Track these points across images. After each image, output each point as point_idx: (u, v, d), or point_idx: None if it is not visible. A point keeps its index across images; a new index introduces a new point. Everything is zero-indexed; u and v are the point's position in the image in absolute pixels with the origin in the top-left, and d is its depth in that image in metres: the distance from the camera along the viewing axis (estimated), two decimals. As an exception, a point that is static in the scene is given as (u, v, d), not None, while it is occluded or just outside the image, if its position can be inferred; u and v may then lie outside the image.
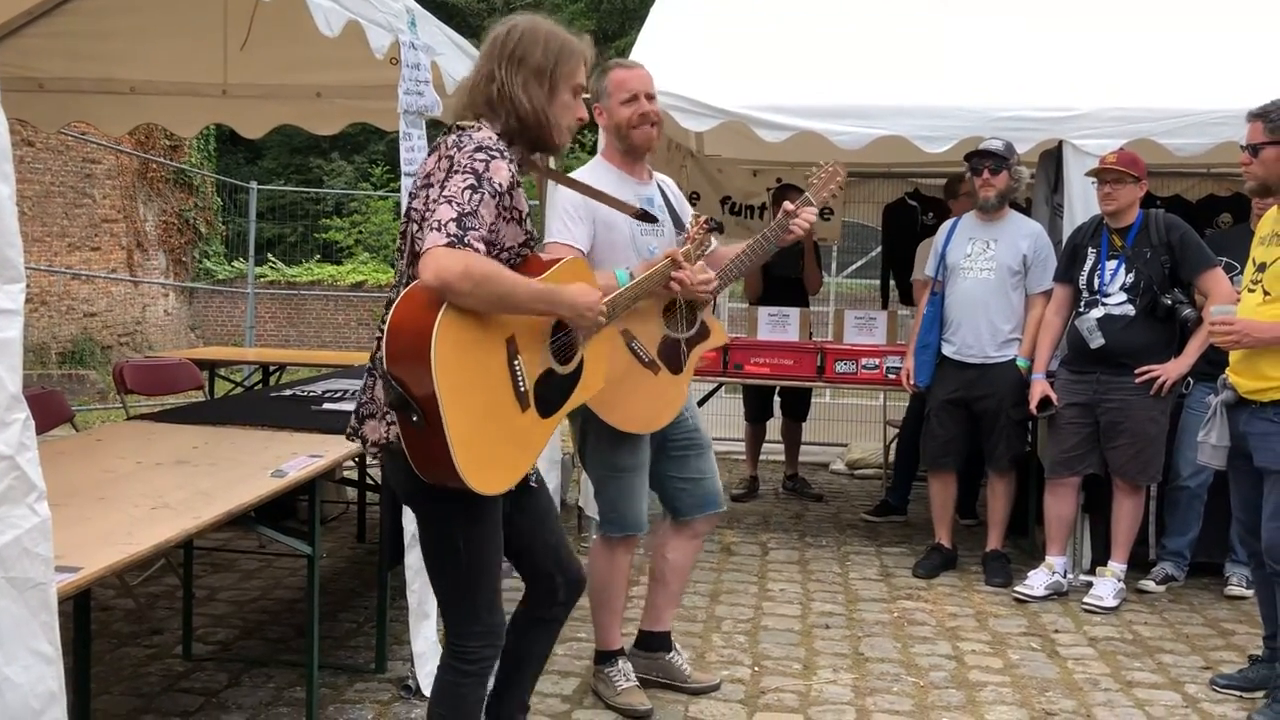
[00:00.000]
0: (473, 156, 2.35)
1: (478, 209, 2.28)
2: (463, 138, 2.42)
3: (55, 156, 13.06)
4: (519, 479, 2.49)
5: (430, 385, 2.19)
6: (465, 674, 2.52)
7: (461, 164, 2.34)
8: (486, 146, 2.38)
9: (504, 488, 2.41)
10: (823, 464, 7.91)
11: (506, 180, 2.37)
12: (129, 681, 3.75)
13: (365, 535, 5.62)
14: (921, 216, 7.43)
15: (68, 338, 13.21)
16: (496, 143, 2.41)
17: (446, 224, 2.23)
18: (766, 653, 4.21)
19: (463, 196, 2.28)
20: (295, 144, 22.37)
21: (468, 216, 2.26)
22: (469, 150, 2.36)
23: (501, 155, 2.38)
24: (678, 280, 3.22)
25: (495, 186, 2.33)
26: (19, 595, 1.81)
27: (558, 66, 2.53)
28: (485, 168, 2.33)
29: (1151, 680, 4.06)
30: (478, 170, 2.32)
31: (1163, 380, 4.71)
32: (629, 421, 3.41)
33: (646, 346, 3.41)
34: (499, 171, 2.35)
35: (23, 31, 5.17)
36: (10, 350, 1.81)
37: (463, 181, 2.30)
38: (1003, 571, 5.17)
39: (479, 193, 2.30)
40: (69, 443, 3.69)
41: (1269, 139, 3.77)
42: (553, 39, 2.54)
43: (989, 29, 5.87)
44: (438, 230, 2.23)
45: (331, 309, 17.20)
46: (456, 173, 2.32)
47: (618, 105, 3.46)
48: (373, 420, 2.46)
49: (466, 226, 2.24)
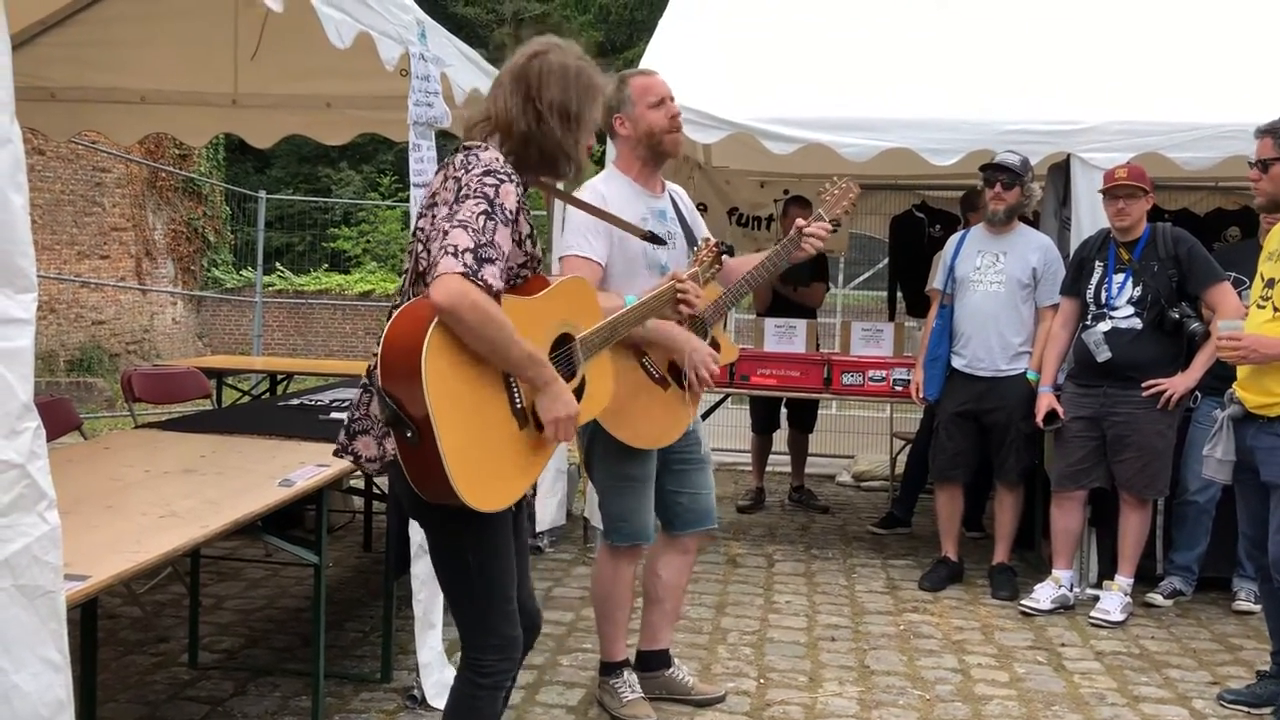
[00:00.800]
0: (482, 181, 2.33)
1: (494, 238, 2.27)
2: (469, 158, 2.40)
3: (65, 165, 13.13)
4: (519, 496, 2.48)
5: (422, 400, 2.18)
6: (480, 687, 2.51)
7: (472, 187, 2.32)
8: (494, 170, 2.36)
9: (503, 505, 2.39)
10: (829, 476, 7.90)
11: (514, 206, 2.37)
12: (135, 689, 3.75)
13: (371, 544, 5.62)
14: (929, 228, 7.43)
15: (76, 345, 13.24)
16: (504, 165, 2.40)
17: (464, 253, 2.22)
18: (772, 665, 4.20)
19: (478, 223, 2.26)
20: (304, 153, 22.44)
21: (485, 247, 2.24)
22: (477, 174, 2.35)
23: (510, 179, 2.37)
24: (684, 301, 3.15)
25: (506, 214, 2.33)
26: (29, 603, 1.81)
27: (584, 109, 2.53)
28: (495, 193, 2.32)
29: (1158, 695, 4.04)
30: (489, 195, 2.31)
31: (1169, 394, 4.71)
32: (638, 438, 3.41)
33: (657, 363, 3.41)
34: (508, 197, 2.34)
35: (35, 41, 5.21)
36: (21, 359, 1.82)
37: (476, 207, 2.29)
38: (1009, 585, 5.16)
39: (493, 219, 2.29)
40: (77, 451, 3.70)
41: (1278, 154, 3.77)
42: (581, 77, 2.54)
43: (997, 42, 5.88)
44: (454, 257, 2.21)
45: (339, 318, 17.23)
46: (468, 197, 2.31)
47: (646, 110, 3.44)
48: (366, 436, 2.44)
49: (483, 258, 2.23)
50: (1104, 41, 5.81)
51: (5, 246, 1.78)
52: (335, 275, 18.51)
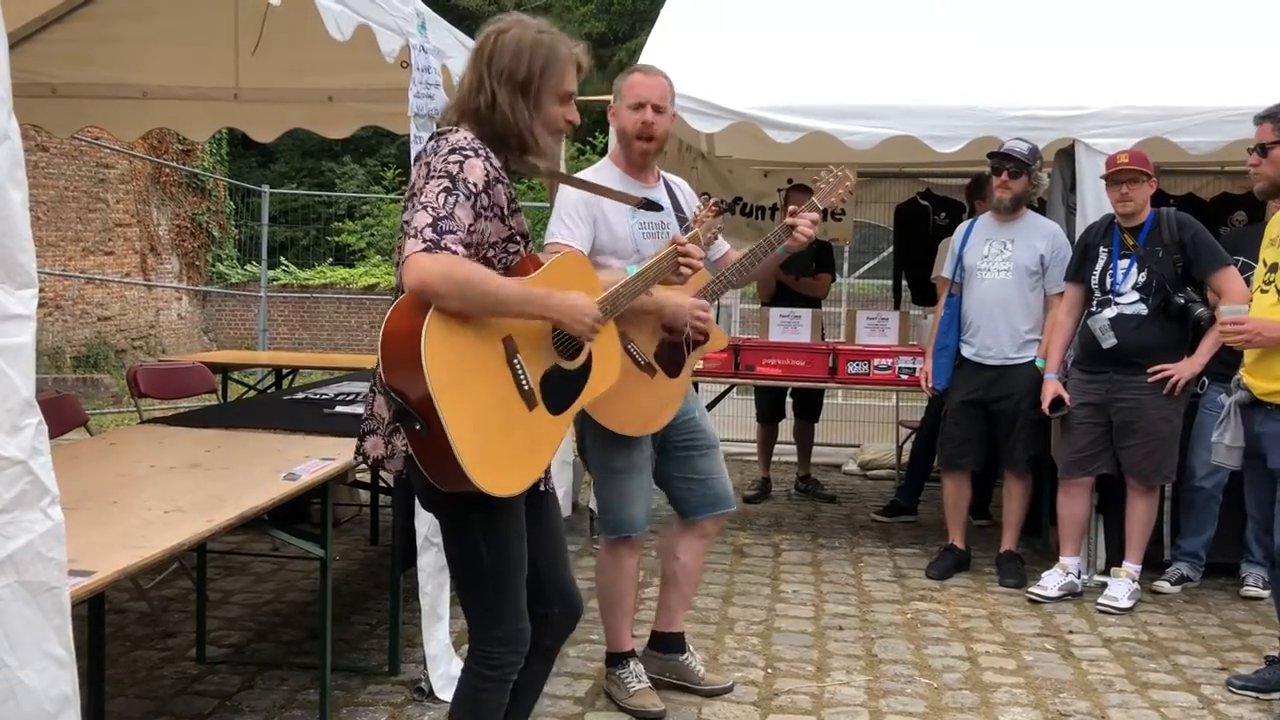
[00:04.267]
0: (446, 160, 2.34)
1: (453, 211, 2.27)
2: (439, 143, 2.40)
3: (69, 161, 13.13)
4: (534, 479, 2.47)
5: (425, 389, 2.17)
6: (487, 679, 2.52)
7: (436, 168, 2.33)
8: (460, 148, 2.36)
9: (519, 488, 2.39)
10: (835, 465, 7.89)
11: (481, 178, 2.34)
12: (143, 684, 3.76)
13: (378, 538, 5.63)
14: (934, 216, 7.40)
15: (82, 342, 13.27)
16: (471, 142, 2.38)
17: (423, 230, 2.24)
18: (779, 654, 4.20)
19: (437, 200, 2.27)
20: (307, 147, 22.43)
21: (443, 220, 2.25)
22: (443, 154, 2.35)
23: (476, 153, 2.36)
24: (685, 260, 3.04)
25: (470, 187, 2.31)
26: (33, 599, 1.82)
27: (543, 79, 2.45)
28: (459, 169, 2.32)
29: (1167, 681, 4.04)
30: (451, 172, 2.31)
31: (1175, 379, 4.69)
32: (623, 424, 3.40)
33: (643, 349, 3.39)
34: (473, 170, 2.33)
35: (36, 38, 5.20)
36: (23, 355, 1.81)
37: (437, 186, 2.30)
38: (1016, 572, 5.15)
39: (454, 195, 2.29)
40: (83, 446, 3.70)
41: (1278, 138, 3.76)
42: (538, 47, 2.46)
43: (1000, 28, 5.85)
44: (414, 237, 2.24)
45: (344, 312, 17.25)
46: (432, 178, 2.32)
47: (625, 110, 3.45)
48: (374, 436, 2.44)
49: (443, 230, 2.24)
50: (1108, 27, 5.77)
51: (5, 243, 1.77)
52: (339, 269, 18.53)
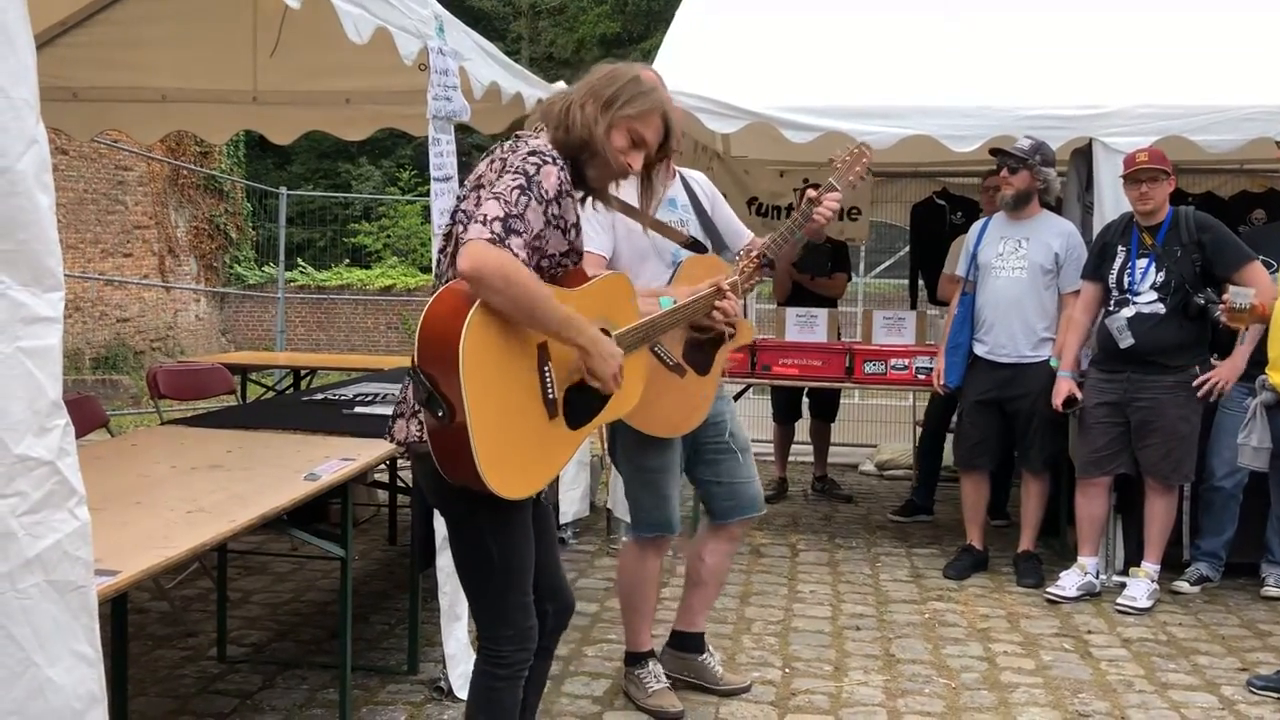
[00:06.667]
0: (525, 159, 2.37)
1: (524, 213, 2.29)
2: (518, 143, 2.45)
3: (88, 164, 13.22)
4: (540, 488, 2.48)
5: (457, 380, 2.19)
6: (499, 677, 2.54)
7: (514, 165, 2.36)
8: (539, 151, 2.39)
9: (524, 494, 2.40)
10: (852, 465, 7.88)
11: (555, 187, 2.37)
12: (165, 683, 3.79)
13: (397, 538, 5.65)
14: (950, 215, 7.39)
15: (101, 343, 13.35)
16: (550, 150, 2.42)
17: (492, 221, 2.25)
18: (797, 654, 4.20)
19: (511, 196, 2.29)
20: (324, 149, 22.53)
21: (514, 219, 2.27)
22: (522, 153, 2.38)
23: (554, 162, 2.39)
24: (721, 311, 3.14)
25: (543, 192, 2.34)
26: (60, 598, 1.83)
27: (626, 104, 2.51)
28: (536, 171, 2.35)
29: (1187, 682, 4.02)
30: (528, 173, 2.34)
31: (1218, 384, 4.67)
32: (656, 426, 3.41)
33: (671, 350, 3.40)
34: (548, 177, 2.36)
35: (56, 42, 5.24)
36: (50, 357, 1.83)
37: (513, 181, 2.32)
38: (1034, 572, 5.14)
39: (528, 195, 2.31)
40: (104, 447, 3.73)
41: None
42: (635, 82, 2.54)
43: (1017, 27, 5.84)
44: (483, 224, 2.24)
45: (361, 313, 17.31)
46: (508, 173, 2.34)
47: None
48: (402, 420, 2.47)
49: (511, 229, 2.25)
50: (1125, 25, 5.75)
51: (34, 246, 1.79)
52: (356, 270, 18.59)
